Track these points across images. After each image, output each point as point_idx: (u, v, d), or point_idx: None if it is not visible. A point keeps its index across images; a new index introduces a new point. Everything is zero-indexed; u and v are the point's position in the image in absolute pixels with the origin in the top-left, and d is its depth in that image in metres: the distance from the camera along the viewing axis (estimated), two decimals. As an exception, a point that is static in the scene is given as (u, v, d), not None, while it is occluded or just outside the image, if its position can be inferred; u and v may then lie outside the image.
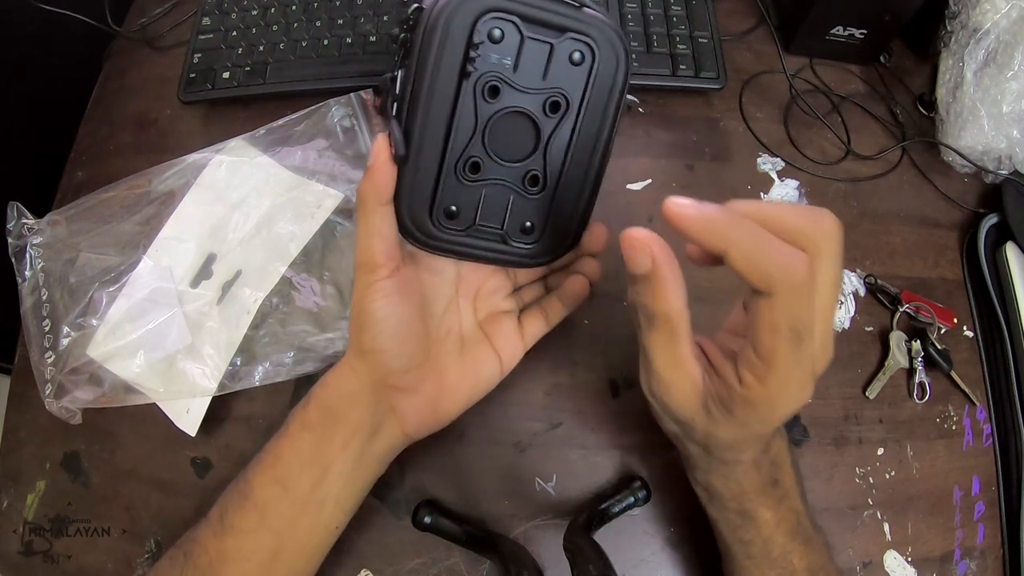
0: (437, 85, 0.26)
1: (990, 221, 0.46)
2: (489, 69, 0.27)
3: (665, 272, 0.24)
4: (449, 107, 0.27)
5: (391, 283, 0.28)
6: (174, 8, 0.54)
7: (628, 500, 0.36)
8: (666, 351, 0.26)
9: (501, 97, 0.28)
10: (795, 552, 0.30)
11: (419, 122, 0.27)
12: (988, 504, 0.40)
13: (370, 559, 0.37)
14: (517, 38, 0.26)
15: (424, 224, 0.29)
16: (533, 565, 0.32)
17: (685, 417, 0.27)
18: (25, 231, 0.42)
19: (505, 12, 0.26)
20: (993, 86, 0.44)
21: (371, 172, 0.27)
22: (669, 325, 0.25)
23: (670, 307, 0.24)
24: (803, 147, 0.49)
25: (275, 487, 0.30)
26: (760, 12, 0.53)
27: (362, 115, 0.44)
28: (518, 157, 0.29)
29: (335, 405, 0.30)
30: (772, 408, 0.24)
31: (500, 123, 0.28)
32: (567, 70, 0.28)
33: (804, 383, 0.23)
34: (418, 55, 0.26)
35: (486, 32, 0.26)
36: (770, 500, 0.30)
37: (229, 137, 0.44)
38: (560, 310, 0.35)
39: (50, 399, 0.38)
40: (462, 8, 0.25)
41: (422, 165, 0.28)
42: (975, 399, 0.42)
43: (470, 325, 0.34)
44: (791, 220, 0.22)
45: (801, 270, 0.21)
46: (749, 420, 0.25)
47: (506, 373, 0.35)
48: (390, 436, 0.32)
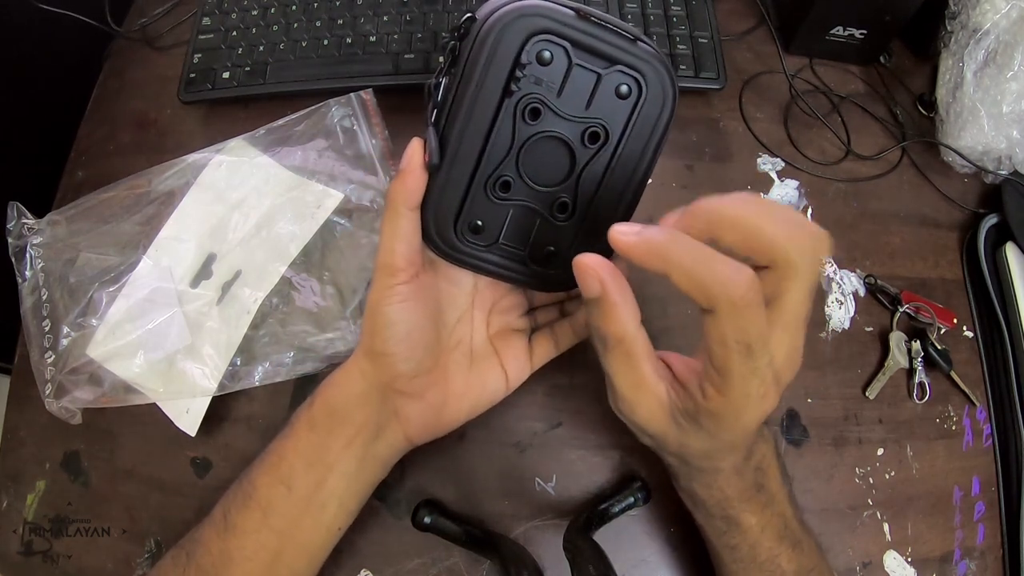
0: (479, 99, 0.26)
1: (990, 221, 0.46)
2: (532, 91, 0.26)
3: (614, 296, 0.24)
4: (488, 123, 0.27)
5: (409, 288, 0.28)
6: (174, 8, 0.54)
7: (628, 500, 0.36)
8: (625, 372, 0.26)
9: (541, 120, 0.27)
10: (783, 556, 0.30)
11: (456, 133, 0.27)
12: (988, 504, 0.40)
13: (370, 559, 0.37)
14: (565, 63, 0.26)
15: (448, 235, 0.29)
16: (533, 565, 0.32)
17: (655, 432, 0.27)
18: (25, 231, 0.42)
19: (558, 36, 0.25)
20: (993, 86, 0.44)
21: (403, 175, 0.27)
22: (623, 346, 0.25)
23: (622, 329, 0.25)
24: (803, 147, 0.49)
25: (279, 487, 0.30)
26: (760, 12, 0.53)
27: (362, 115, 0.44)
28: (550, 182, 0.29)
29: (340, 405, 0.30)
30: (736, 418, 0.24)
31: (536, 146, 0.28)
32: (612, 102, 0.27)
33: (764, 393, 0.23)
34: (464, 66, 0.26)
35: (535, 53, 0.25)
36: (754, 506, 0.30)
37: (229, 137, 0.44)
38: (571, 337, 0.35)
39: (50, 399, 0.38)
40: (514, 26, 0.25)
41: (453, 176, 0.28)
42: (975, 399, 0.42)
43: (481, 338, 0.34)
44: (767, 231, 0.22)
45: (741, 287, 0.21)
46: (716, 430, 0.25)
47: (511, 391, 0.34)
48: (392, 439, 0.32)
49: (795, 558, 0.30)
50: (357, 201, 0.42)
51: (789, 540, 0.31)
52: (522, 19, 0.25)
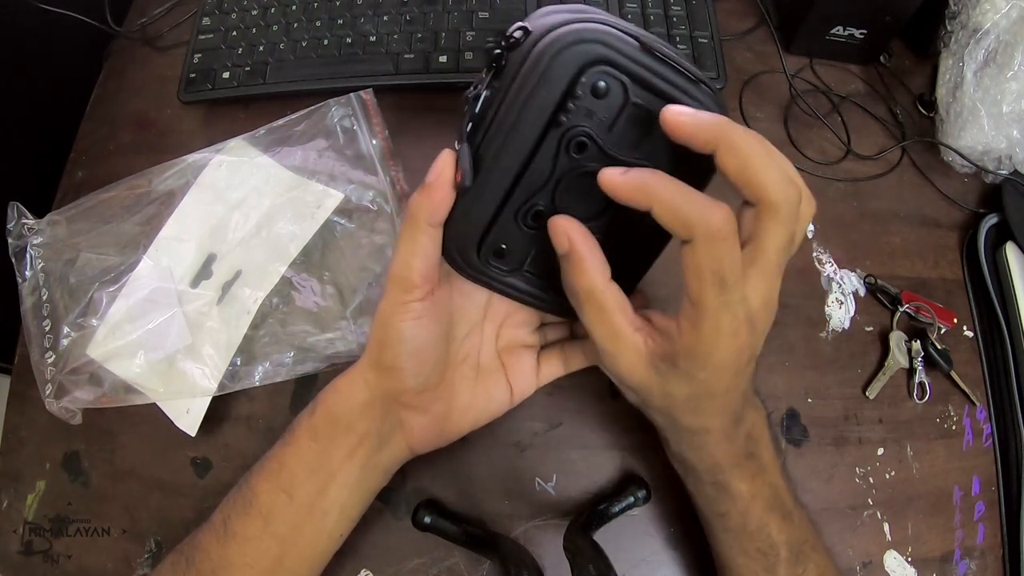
0: (522, 123, 0.24)
1: (990, 221, 0.46)
2: (582, 124, 0.24)
3: (582, 250, 0.25)
4: (528, 149, 0.25)
5: (423, 306, 0.28)
6: (174, 8, 0.54)
7: (628, 500, 0.36)
8: (599, 323, 0.27)
9: (585, 155, 0.25)
10: (772, 525, 0.30)
11: (492, 154, 0.25)
12: (988, 504, 0.40)
13: (370, 559, 0.37)
14: (621, 99, 0.24)
15: (469, 256, 0.28)
16: (533, 565, 0.32)
17: (637, 383, 0.28)
18: (25, 231, 0.42)
19: (618, 68, 0.23)
20: (993, 86, 0.44)
21: (430, 191, 0.25)
22: (594, 299, 0.26)
23: (591, 282, 0.26)
24: (803, 147, 0.49)
25: (280, 495, 0.30)
26: (760, 12, 0.53)
27: (362, 115, 0.44)
28: (584, 216, 0.26)
29: (343, 414, 0.30)
30: (709, 353, 0.25)
31: (574, 180, 0.26)
32: (663, 145, 0.25)
33: (737, 329, 0.24)
34: (510, 84, 0.24)
35: (591, 84, 0.23)
36: (745, 473, 0.30)
37: (229, 137, 0.44)
38: (581, 360, 0.34)
39: (50, 399, 0.38)
40: (573, 51, 0.23)
41: (483, 199, 0.26)
42: (975, 399, 0.42)
43: (490, 352, 0.33)
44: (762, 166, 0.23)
45: (718, 217, 0.22)
46: (693, 368, 0.26)
47: (515, 405, 0.34)
48: (395, 449, 0.32)
49: (785, 528, 0.31)
50: (357, 201, 0.42)
51: (779, 511, 0.31)
52: (583, 45, 0.23)
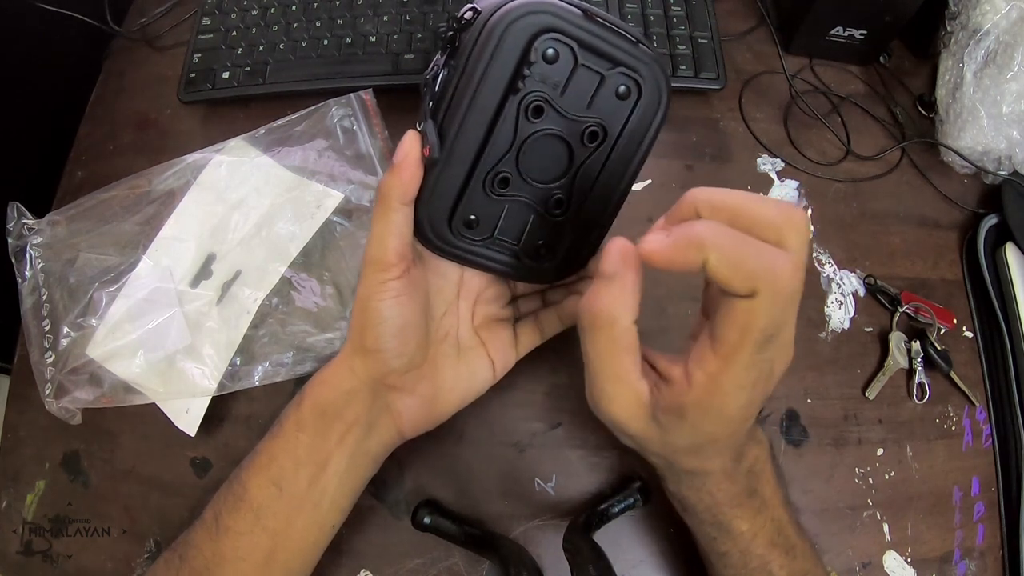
0: (481, 95, 0.26)
1: (990, 222, 0.46)
2: (537, 89, 0.26)
3: (628, 280, 0.24)
4: (490, 118, 0.26)
5: (401, 284, 0.28)
6: (174, 8, 0.54)
7: (628, 501, 0.36)
8: (607, 358, 0.25)
9: (543, 119, 0.27)
10: (775, 562, 0.30)
11: (456, 128, 0.26)
12: (987, 505, 0.40)
13: (370, 559, 0.37)
14: (571, 63, 0.26)
15: (441, 229, 0.29)
16: (533, 565, 0.32)
17: (634, 431, 0.26)
18: (25, 231, 0.42)
19: (565, 35, 0.25)
20: (993, 87, 0.44)
21: (399, 169, 0.27)
22: (611, 331, 0.24)
23: (619, 313, 0.24)
24: (803, 147, 0.49)
25: (270, 488, 0.30)
26: (760, 12, 0.53)
27: (362, 115, 0.44)
28: (547, 179, 0.29)
29: (330, 403, 0.30)
30: (722, 408, 0.23)
31: (535, 143, 0.28)
32: (612, 103, 0.27)
33: (757, 381, 0.23)
34: (466, 59, 0.26)
35: (542, 51, 0.25)
36: (746, 511, 0.29)
37: (229, 137, 0.44)
38: (556, 325, 0.35)
39: (50, 399, 0.38)
40: (523, 23, 0.25)
41: (451, 171, 0.27)
42: (975, 399, 0.42)
43: (467, 329, 0.34)
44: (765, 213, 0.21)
45: (788, 271, 0.20)
46: (701, 421, 0.24)
47: (498, 379, 0.35)
48: (384, 434, 0.32)
49: (787, 564, 0.30)
50: (357, 201, 0.42)
51: (782, 546, 0.30)
52: (531, 16, 0.25)
